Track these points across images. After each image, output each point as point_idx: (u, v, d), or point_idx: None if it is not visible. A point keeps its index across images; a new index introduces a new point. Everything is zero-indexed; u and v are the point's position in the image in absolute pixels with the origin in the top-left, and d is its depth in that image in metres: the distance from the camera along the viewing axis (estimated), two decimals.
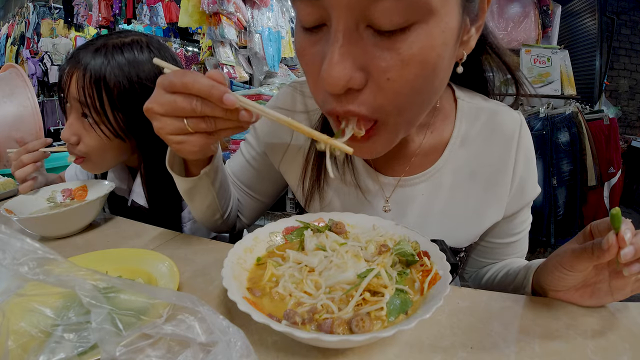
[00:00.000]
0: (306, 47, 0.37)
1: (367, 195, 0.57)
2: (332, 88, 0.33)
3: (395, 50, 0.32)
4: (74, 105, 0.65)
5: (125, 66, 0.64)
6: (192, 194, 0.55)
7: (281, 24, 2.99)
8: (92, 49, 0.64)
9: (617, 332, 0.37)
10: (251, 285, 0.39)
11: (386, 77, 0.33)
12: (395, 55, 0.32)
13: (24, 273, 0.27)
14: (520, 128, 0.55)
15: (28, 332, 0.31)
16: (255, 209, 0.71)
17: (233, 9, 2.38)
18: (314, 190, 0.59)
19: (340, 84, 0.33)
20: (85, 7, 3.90)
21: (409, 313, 0.34)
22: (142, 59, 0.66)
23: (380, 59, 0.33)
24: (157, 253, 0.50)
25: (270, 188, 0.70)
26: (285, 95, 0.63)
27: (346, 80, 0.33)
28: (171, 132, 0.40)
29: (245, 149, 0.67)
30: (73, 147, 0.67)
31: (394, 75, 0.33)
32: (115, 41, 0.66)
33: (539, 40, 2.61)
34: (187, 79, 0.37)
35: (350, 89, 0.34)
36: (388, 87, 0.34)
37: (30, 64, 4.45)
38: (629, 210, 3.42)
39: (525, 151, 0.55)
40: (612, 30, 3.49)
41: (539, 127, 2.21)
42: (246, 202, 0.70)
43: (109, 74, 0.63)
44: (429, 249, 0.42)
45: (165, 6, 3.08)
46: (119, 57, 0.64)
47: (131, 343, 0.28)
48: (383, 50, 0.33)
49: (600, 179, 2.24)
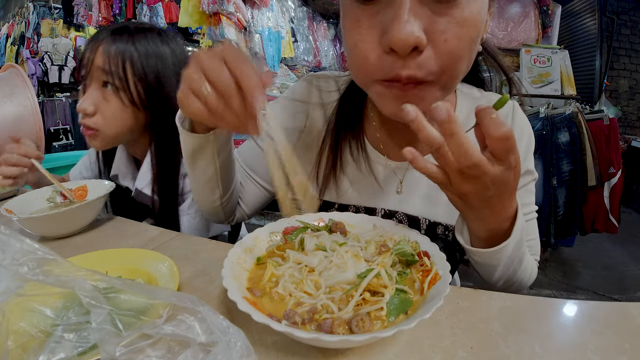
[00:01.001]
0: (362, 19, 0.40)
1: (381, 181, 0.60)
2: (402, 45, 0.36)
3: (450, 15, 0.37)
4: (96, 75, 0.70)
5: (146, 43, 0.73)
6: (195, 158, 0.53)
7: (281, 24, 2.99)
8: (113, 29, 0.72)
9: (617, 332, 0.37)
10: (251, 285, 0.39)
11: (444, 38, 0.37)
12: (451, 19, 0.37)
13: (23, 273, 0.27)
14: (513, 109, 0.59)
15: (28, 332, 0.31)
16: (258, 197, 0.70)
17: (233, 9, 2.38)
18: (329, 179, 0.61)
19: (410, 41, 0.36)
20: (85, 7, 3.90)
21: (409, 313, 0.34)
22: (159, 41, 0.75)
23: (438, 23, 0.37)
24: (157, 253, 0.50)
25: None
26: (301, 87, 0.66)
27: (415, 38, 0.36)
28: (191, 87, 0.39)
29: None
30: (89, 119, 0.71)
31: (450, 36, 0.37)
32: (136, 25, 0.75)
33: (539, 40, 2.61)
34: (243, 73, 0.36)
35: (414, 49, 0.37)
36: (445, 47, 0.38)
37: (30, 64, 4.44)
38: (629, 210, 3.42)
39: (519, 127, 0.58)
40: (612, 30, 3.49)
41: (539, 127, 2.21)
42: (250, 189, 0.69)
43: (133, 46, 0.71)
44: (429, 249, 0.42)
45: (165, 6, 3.08)
46: (140, 35, 0.73)
47: (131, 343, 0.28)
48: (441, 16, 0.37)
49: (600, 179, 2.24)
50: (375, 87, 0.43)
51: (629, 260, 2.51)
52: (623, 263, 2.48)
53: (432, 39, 0.37)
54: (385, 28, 0.38)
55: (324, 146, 0.62)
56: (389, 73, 0.40)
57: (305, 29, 3.44)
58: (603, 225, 2.29)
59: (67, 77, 4.69)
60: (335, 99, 0.63)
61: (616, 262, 2.49)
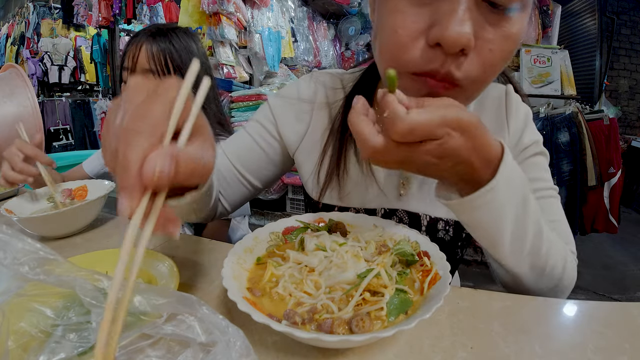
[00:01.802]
0: (408, 5, 0.38)
1: (382, 182, 0.59)
2: (453, 42, 0.35)
3: (500, 27, 0.37)
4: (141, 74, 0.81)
5: (181, 43, 0.86)
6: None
7: (281, 24, 2.99)
8: (148, 32, 0.83)
9: (617, 332, 0.37)
10: (251, 285, 0.39)
11: (489, 47, 0.37)
12: (500, 30, 0.37)
13: (24, 273, 0.27)
14: (506, 91, 0.58)
15: (28, 332, 0.31)
16: (241, 195, 0.67)
17: (233, 9, 2.38)
18: (332, 180, 0.59)
19: (463, 41, 0.35)
20: (85, 7, 3.90)
21: (409, 313, 0.34)
22: (187, 39, 0.88)
23: (488, 31, 0.36)
24: (157, 253, 0.50)
25: (271, 173, 0.67)
26: (307, 86, 0.64)
27: (467, 40, 0.35)
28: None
29: (255, 129, 0.64)
30: None
31: (495, 47, 0.37)
32: (166, 26, 0.87)
33: (539, 40, 2.61)
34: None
35: (462, 50, 0.36)
36: (487, 57, 0.37)
37: (30, 64, 4.44)
38: (629, 210, 3.42)
39: (514, 105, 0.57)
40: (612, 30, 3.49)
41: (539, 127, 2.21)
42: (234, 184, 0.65)
43: (172, 46, 0.84)
44: (429, 249, 0.42)
45: (165, 6, 3.08)
46: (174, 35, 0.85)
47: (131, 343, 0.28)
48: (491, 25, 0.36)
49: (600, 179, 2.24)
50: (403, 80, 0.40)
51: (629, 260, 2.51)
52: (623, 263, 2.48)
53: (477, 46, 0.37)
54: (436, 21, 0.36)
55: (327, 146, 0.60)
56: (426, 66, 0.38)
57: (305, 29, 3.44)
58: (603, 225, 2.29)
59: (67, 77, 4.69)
60: (341, 98, 0.61)
61: (616, 262, 2.49)
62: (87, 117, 4.69)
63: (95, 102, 4.55)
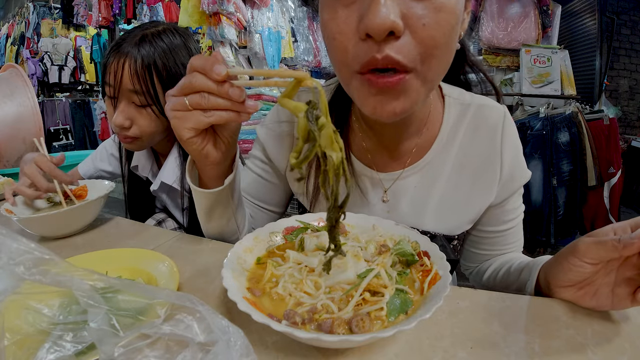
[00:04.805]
0: (338, 10, 0.40)
1: (367, 193, 0.60)
2: (378, 29, 0.36)
3: (428, 1, 0.38)
4: (126, 95, 0.72)
5: (168, 51, 0.73)
6: (212, 211, 0.55)
7: (281, 24, 2.99)
8: (133, 40, 0.71)
9: (617, 332, 0.37)
10: (251, 285, 0.39)
11: (422, 22, 0.38)
12: (428, 4, 0.38)
13: (20, 273, 0.27)
14: (504, 119, 0.58)
15: (24, 330, 0.31)
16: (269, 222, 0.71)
17: (233, 9, 2.38)
18: (319, 193, 0.61)
19: (386, 25, 0.36)
20: (85, 7, 3.90)
21: (409, 313, 0.34)
22: (177, 43, 0.76)
23: (417, 8, 0.37)
24: (157, 253, 0.50)
25: (282, 196, 0.71)
26: (271, 113, 0.67)
27: (391, 22, 0.36)
28: (173, 108, 0.42)
29: (252, 163, 0.69)
30: (126, 131, 0.73)
31: (429, 21, 0.38)
32: (152, 30, 0.74)
33: (539, 40, 2.61)
34: (193, 59, 0.40)
35: (391, 34, 0.37)
36: (424, 32, 0.38)
37: (30, 64, 4.44)
38: (629, 210, 3.42)
39: (510, 139, 0.57)
40: (612, 30, 3.49)
41: (539, 127, 2.21)
42: (259, 217, 0.70)
43: (158, 59, 0.71)
44: (429, 249, 0.42)
45: (165, 6, 3.08)
46: (161, 43, 0.73)
47: (129, 343, 0.28)
48: (418, 2, 0.37)
49: (600, 179, 2.24)
50: (355, 81, 0.42)
51: None
52: None
53: (410, 24, 0.37)
54: (361, 16, 0.38)
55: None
56: (364, 58, 0.39)
57: (305, 29, 3.44)
58: (603, 225, 2.28)
59: (67, 77, 4.70)
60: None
61: None
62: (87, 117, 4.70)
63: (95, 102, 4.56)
